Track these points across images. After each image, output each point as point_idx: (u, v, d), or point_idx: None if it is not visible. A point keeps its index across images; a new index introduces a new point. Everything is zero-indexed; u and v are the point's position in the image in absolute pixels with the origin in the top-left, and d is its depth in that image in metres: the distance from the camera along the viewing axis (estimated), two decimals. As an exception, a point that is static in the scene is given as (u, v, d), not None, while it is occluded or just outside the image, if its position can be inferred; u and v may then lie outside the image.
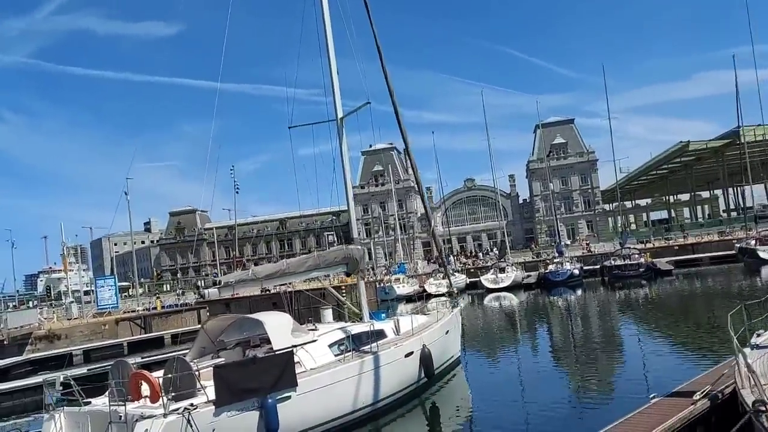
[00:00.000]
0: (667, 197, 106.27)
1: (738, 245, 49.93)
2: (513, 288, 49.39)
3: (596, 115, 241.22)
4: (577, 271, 49.53)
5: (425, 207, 17.71)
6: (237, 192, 65.10)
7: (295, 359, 11.80)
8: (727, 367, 10.01)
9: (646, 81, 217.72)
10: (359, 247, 16.23)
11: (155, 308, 45.64)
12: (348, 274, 16.98)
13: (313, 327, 14.38)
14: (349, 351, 13.39)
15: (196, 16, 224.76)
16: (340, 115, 16.91)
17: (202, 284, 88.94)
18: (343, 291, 53.58)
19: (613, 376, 16.81)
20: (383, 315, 17.34)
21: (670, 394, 9.66)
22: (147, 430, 9.53)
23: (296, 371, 11.63)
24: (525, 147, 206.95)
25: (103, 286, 43.82)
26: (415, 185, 17.36)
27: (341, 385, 12.44)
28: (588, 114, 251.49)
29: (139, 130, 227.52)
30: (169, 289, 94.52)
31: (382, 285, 52.67)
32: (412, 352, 14.75)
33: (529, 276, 52.68)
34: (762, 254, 44.84)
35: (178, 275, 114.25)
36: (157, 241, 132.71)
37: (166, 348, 35.38)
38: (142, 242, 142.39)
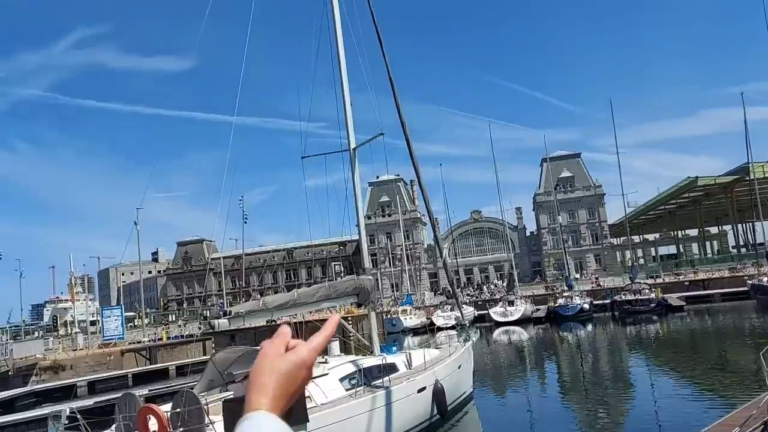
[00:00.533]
0: (675, 232, 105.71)
1: (750, 282, 49.29)
2: (522, 322, 48.77)
3: (602, 150, 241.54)
4: (587, 306, 48.93)
5: (436, 237, 17.63)
6: (245, 222, 65.10)
7: (306, 393, 11.51)
8: (754, 407, 9.68)
9: (652, 117, 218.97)
10: (370, 277, 16.02)
11: (161, 339, 45.23)
12: (359, 305, 16.73)
13: (323, 360, 14.09)
14: (361, 385, 13.08)
15: (208, 51, 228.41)
16: (353, 145, 16.89)
17: (209, 314, 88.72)
18: (349, 322, 53.20)
19: (625, 415, 16.46)
20: (394, 348, 17.02)
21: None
22: None
23: (307, 406, 11.33)
24: (530, 180, 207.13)
25: (109, 317, 43.50)
26: (427, 215, 17.19)
27: (353, 421, 12.12)
28: (593, 148, 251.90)
29: (150, 161, 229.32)
30: (174, 319, 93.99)
31: (389, 316, 52.16)
32: (424, 388, 14.41)
33: (538, 310, 52.04)
34: (775, 291, 44.26)
35: (184, 305, 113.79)
36: (164, 270, 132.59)
37: (172, 380, 34.98)
38: (149, 272, 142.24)
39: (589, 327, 45.04)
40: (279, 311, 13.62)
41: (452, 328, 51.55)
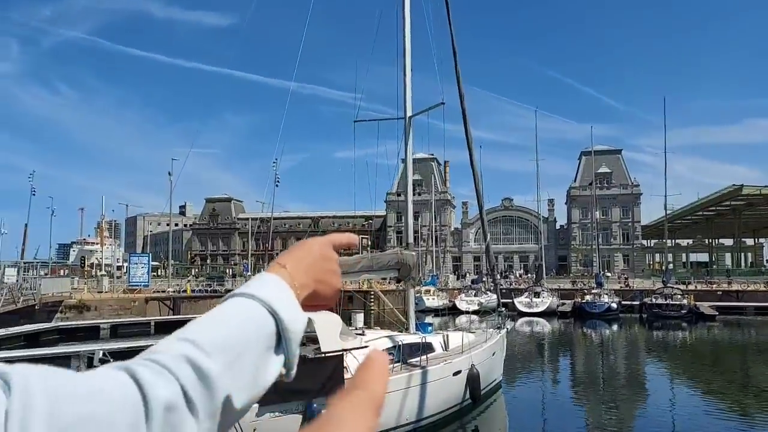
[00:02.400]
0: (710, 240, 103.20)
1: (788, 298, 47.80)
2: (547, 314, 48.02)
3: (639, 150, 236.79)
4: (615, 305, 47.94)
5: (482, 220, 16.92)
6: (277, 185, 64.71)
7: (344, 364, 11.09)
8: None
9: (693, 121, 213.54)
10: (413, 253, 15.47)
11: (185, 291, 45.52)
12: (398, 280, 16.21)
13: (361, 332, 13.65)
14: (398, 362, 12.62)
15: (249, 10, 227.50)
16: (409, 113, 16.21)
17: (230, 273, 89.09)
18: (371, 297, 52.96)
19: (639, 419, 16.15)
20: (430, 327, 16.53)
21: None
22: None
23: (345, 377, 10.92)
24: (563, 172, 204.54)
25: (136, 264, 43.76)
26: (476, 197, 16.51)
27: (387, 397, 11.66)
28: (630, 148, 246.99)
29: (183, 116, 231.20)
30: (195, 274, 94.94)
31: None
32: (460, 371, 13.91)
33: (563, 304, 51.19)
34: (814, 310, 42.79)
35: (208, 261, 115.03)
36: (191, 225, 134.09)
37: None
38: (176, 225, 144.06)
39: (615, 327, 44.14)
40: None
41: (474, 312, 51.04)
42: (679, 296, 47.61)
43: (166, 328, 35.09)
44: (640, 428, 15.08)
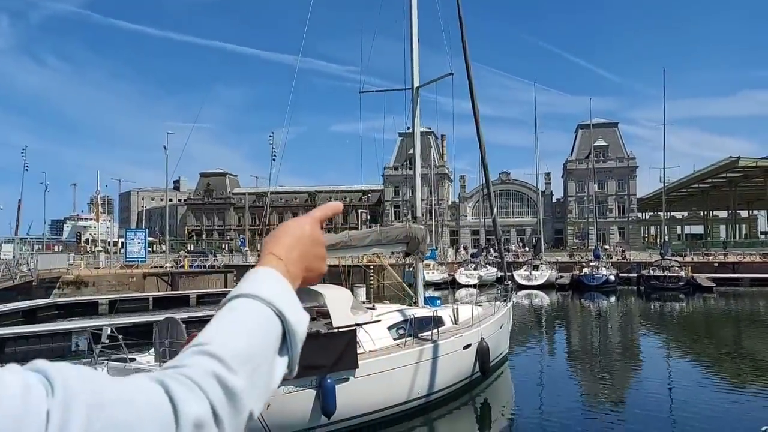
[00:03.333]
0: (705, 212, 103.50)
1: (785, 269, 48.03)
2: (545, 287, 48.15)
3: (635, 123, 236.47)
4: (612, 277, 48.11)
5: (489, 191, 16.66)
6: (274, 159, 64.31)
7: (356, 339, 10.91)
8: None
9: (689, 93, 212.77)
10: (422, 227, 15.24)
11: (183, 266, 45.29)
12: (407, 254, 16.00)
13: (371, 306, 13.47)
14: (409, 336, 12.45)
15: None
16: (416, 84, 15.82)
17: (225, 248, 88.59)
18: (371, 271, 52.88)
19: (636, 389, 16.12)
20: (438, 301, 16.37)
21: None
22: None
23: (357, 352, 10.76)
24: (558, 146, 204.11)
25: (132, 239, 43.41)
26: (483, 169, 16.27)
27: (399, 371, 11.55)
28: (626, 121, 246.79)
29: (177, 90, 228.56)
30: (191, 249, 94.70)
31: (410, 269, 51.71)
32: (470, 345, 13.79)
33: (562, 276, 51.32)
34: (810, 281, 43.02)
35: (204, 236, 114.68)
36: (185, 200, 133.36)
37: (192, 308, 34.93)
38: (170, 200, 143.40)
39: (613, 299, 44.32)
40: (329, 252, 12.89)
41: (474, 286, 51.09)
42: (677, 268, 47.76)
43: (164, 304, 34.95)
44: (636, 398, 15.09)
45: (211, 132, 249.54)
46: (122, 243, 45.43)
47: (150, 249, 72.80)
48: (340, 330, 10.69)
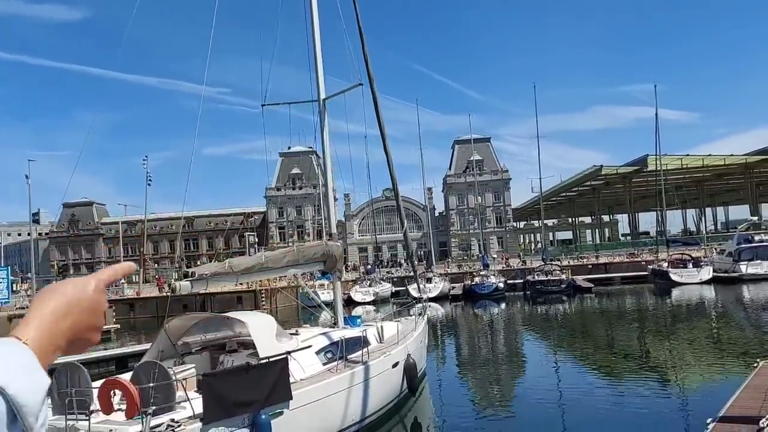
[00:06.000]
0: (573, 219, 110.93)
1: (651, 267, 52.17)
2: (439, 299, 48.91)
3: (500, 138, 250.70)
4: (501, 285, 49.85)
5: (398, 205, 16.32)
6: (149, 184, 60.64)
7: (288, 369, 10.05)
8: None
9: (548, 110, 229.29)
10: (338, 243, 14.60)
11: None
12: (324, 273, 15.26)
13: (294, 332, 12.59)
14: (335, 360, 11.74)
15: (102, 3, 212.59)
16: (323, 95, 15.23)
17: (174, 276, 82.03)
18: (263, 296, 51.10)
19: (529, 389, 16.65)
20: (358, 320, 15.72)
21: (721, 419, 8.71)
22: None
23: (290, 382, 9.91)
24: (434, 163, 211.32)
25: (-7, 279, 38.76)
26: (392, 185, 15.94)
27: (333, 398, 10.80)
28: (494, 137, 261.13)
29: (31, 116, 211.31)
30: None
31: (303, 291, 50.61)
32: (398, 363, 13.29)
33: (454, 287, 52.45)
34: (673, 277, 46.99)
35: (71, 271, 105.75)
36: (47, 233, 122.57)
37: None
38: (28, 234, 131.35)
39: (503, 305, 45.82)
40: (245, 275, 11.89)
41: (370, 303, 50.92)
42: (558, 272, 50.41)
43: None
44: (526, 396, 15.71)
45: (73, 160, 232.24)
46: (-20, 284, 40.38)
47: (13, 289, 65.71)
48: (270, 360, 9.79)
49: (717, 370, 16.84)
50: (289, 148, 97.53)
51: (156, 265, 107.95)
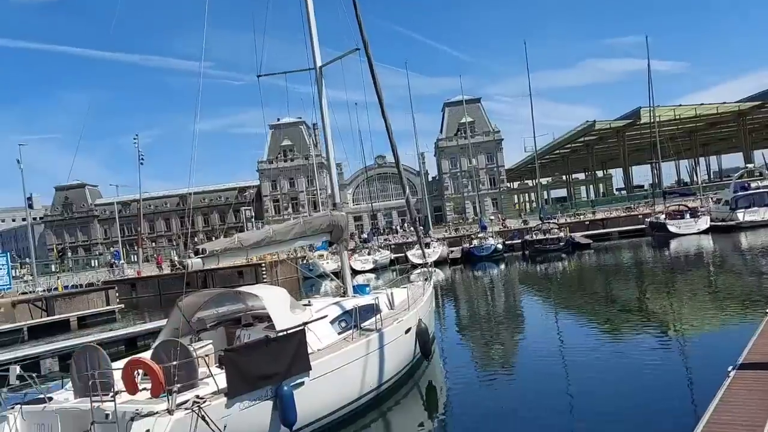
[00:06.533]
0: (568, 176, 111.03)
1: (648, 220, 52.47)
2: (439, 263, 49.16)
3: (488, 99, 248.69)
4: (500, 246, 50.11)
5: (399, 172, 16.19)
6: (142, 163, 60.21)
7: (306, 340, 10.10)
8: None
9: (533, 67, 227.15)
10: (344, 213, 14.54)
11: (56, 288, 41.12)
12: (330, 244, 15.25)
13: (307, 302, 12.63)
14: (350, 329, 11.80)
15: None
16: (319, 63, 14.99)
17: (175, 255, 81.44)
18: (263, 270, 51.24)
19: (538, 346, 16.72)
20: (367, 288, 15.76)
21: (741, 366, 8.79)
22: (148, 431, 7.56)
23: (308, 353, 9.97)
24: (423, 127, 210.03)
25: (-8, 266, 38.67)
26: (392, 151, 15.80)
27: (350, 367, 10.88)
28: (483, 98, 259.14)
29: (15, 99, 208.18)
30: (55, 269, 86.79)
31: (305, 261, 50.83)
32: (410, 328, 13.38)
33: (452, 251, 52.71)
34: (671, 228, 47.34)
35: (69, 254, 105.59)
36: (41, 218, 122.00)
37: (74, 332, 31.82)
38: (23, 219, 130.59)
39: (502, 266, 46.14)
40: (254, 249, 11.87)
41: (370, 271, 51.20)
42: (556, 230, 50.66)
43: (42, 331, 31.53)
44: (537, 353, 15.72)
45: (61, 142, 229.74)
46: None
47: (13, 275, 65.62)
48: (288, 332, 9.82)
49: (726, 319, 16.99)
50: (278, 120, 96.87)
51: (153, 243, 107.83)
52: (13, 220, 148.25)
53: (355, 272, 49.39)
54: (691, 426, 6.85)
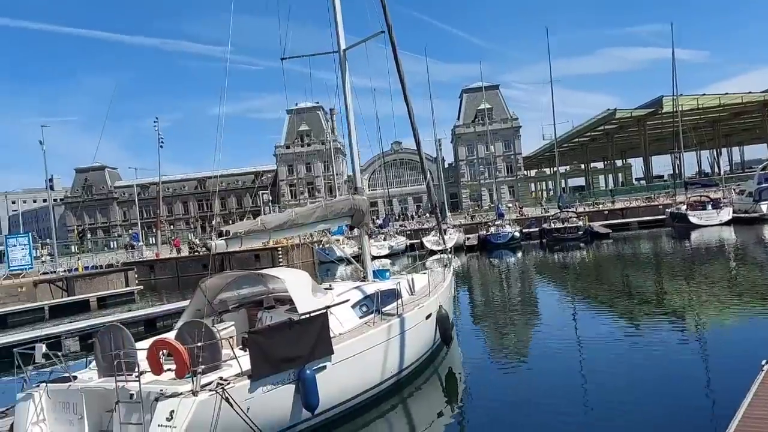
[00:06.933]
0: (587, 165, 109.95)
1: (668, 210, 51.78)
2: (455, 250, 48.91)
3: (506, 86, 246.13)
4: (517, 234, 49.80)
5: (420, 157, 16.07)
6: (161, 146, 60.48)
7: (329, 324, 10.06)
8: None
9: (553, 55, 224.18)
10: (365, 197, 14.45)
11: (76, 269, 41.59)
12: (352, 228, 15.19)
13: (328, 286, 12.60)
14: (371, 313, 11.75)
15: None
16: (343, 46, 14.84)
17: (194, 237, 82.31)
18: (279, 253, 51.45)
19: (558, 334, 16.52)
20: (387, 273, 15.72)
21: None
22: (173, 411, 7.55)
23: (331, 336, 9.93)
24: (439, 113, 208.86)
25: (15, 245, 39.10)
26: (414, 135, 15.64)
27: (372, 351, 10.83)
28: (502, 85, 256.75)
29: (34, 82, 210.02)
30: (75, 250, 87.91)
31: (321, 246, 50.88)
32: (430, 314, 13.31)
33: (469, 238, 52.47)
34: (692, 219, 46.68)
35: (88, 235, 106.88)
36: (62, 199, 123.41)
37: (93, 312, 32.22)
38: (44, 200, 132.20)
39: (520, 254, 45.82)
40: (277, 232, 11.83)
41: (385, 257, 51.16)
42: (575, 219, 50.18)
43: (62, 311, 31.98)
44: (558, 341, 15.43)
45: (80, 125, 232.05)
46: (3, 251, 40.85)
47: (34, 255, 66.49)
48: (311, 315, 9.78)
49: (753, 313, 16.66)
50: (296, 104, 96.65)
51: (171, 226, 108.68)
52: (34, 201, 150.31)
53: (371, 258, 49.39)
54: (725, 421, 6.71)
